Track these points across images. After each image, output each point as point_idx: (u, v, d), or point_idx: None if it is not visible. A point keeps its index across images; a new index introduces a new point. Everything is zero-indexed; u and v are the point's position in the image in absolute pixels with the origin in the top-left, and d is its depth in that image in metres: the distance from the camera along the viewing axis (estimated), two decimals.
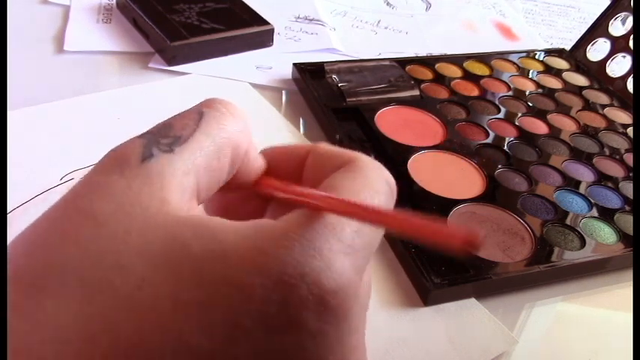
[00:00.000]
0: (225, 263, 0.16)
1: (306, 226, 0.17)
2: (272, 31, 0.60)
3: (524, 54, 0.65)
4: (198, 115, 0.20)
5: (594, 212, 0.44)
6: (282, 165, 0.23)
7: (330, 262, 0.17)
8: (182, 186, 0.18)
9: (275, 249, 0.16)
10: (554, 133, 0.53)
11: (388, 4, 0.75)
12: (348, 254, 0.18)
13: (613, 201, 0.46)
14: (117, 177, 0.17)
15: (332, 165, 0.21)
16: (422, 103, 0.53)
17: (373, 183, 0.20)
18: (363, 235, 0.18)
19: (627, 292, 0.40)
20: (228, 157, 0.20)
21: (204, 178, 0.19)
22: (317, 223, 0.17)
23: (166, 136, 0.19)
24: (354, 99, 0.51)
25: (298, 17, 0.67)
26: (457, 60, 0.61)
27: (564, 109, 0.57)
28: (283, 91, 0.55)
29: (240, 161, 0.21)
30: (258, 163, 0.23)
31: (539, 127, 0.53)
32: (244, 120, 0.21)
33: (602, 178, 0.48)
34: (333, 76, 0.53)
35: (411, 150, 0.46)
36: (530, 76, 0.61)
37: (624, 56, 0.61)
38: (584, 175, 0.48)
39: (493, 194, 0.44)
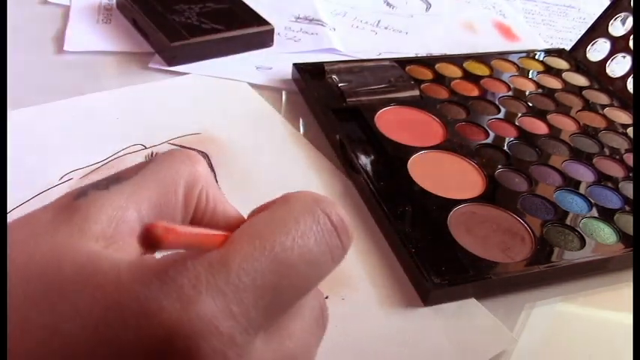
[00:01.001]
0: (82, 291, 0.16)
1: (179, 262, 0.16)
2: (272, 31, 0.60)
3: (524, 54, 0.65)
4: (149, 160, 0.20)
5: (594, 212, 0.44)
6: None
7: (188, 302, 0.15)
8: (111, 218, 0.18)
9: (131, 282, 0.16)
10: (554, 133, 0.53)
11: (388, 4, 0.75)
12: (222, 294, 0.16)
13: (613, 201, 0.46)
14: (46, 213, 0.18)
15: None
16: (422, 103, 0.53)
17: (290, 213, 0.19)
18: (254, 272, 0.16)
19: (627, 292, 0.40)
20: (179, 196, 0.20)
21: (150, 213, 0.19)
22: (194, 258, 0.16)
23: (108, 179, 0.19)
24: (354, 99, 0.51)
25: (298, 17, 0.67)
26: (457, 60, 0.61)
27: (564, 109, 0.57)
28: (283, 92, 0.55)
29: (196, 201, 0.20)
30: (228, 213, 0.22)
31: (539, 127, 0.53)
32: (202, 165, 0.21)
33: (602, 178, 0.48)
34: (333, 76, 0.53)
35: (411, 150, 0.46)
36: (530, 76, 0.61)
37: (624, 56, 0.61)
38: (584, 175, 0.48)
39: (493, 194, 0.44)
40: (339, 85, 0.52)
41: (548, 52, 0.66)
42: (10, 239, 0.17)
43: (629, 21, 0.61)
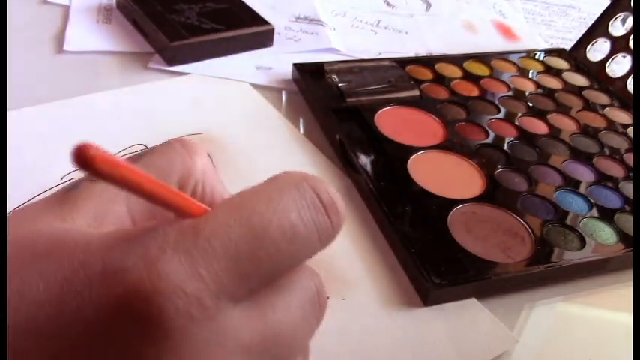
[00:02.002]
0: (51, 257, 0.16)
1: (151, 227, 0.16)
2: (272, 31, 0.60)
3: (524, 54, 0.65)
4: (144, 152, 0.20)
5: (594, 212, 0.44)
6: None
7: (151, 261, 0.15)
8: (97, 210, 0.18)
9: (99, 246, 0.16)
10: (554, 133, 0.53)
11: (388, 4, 0.75)
12: (190, 257, 0.15)
13: (613, 201, 0.46)
14: (41, 203, 0.19)
15: None
16: (422, 103, 0.53)
17: (274, 185, 0.18)
18: (227, 239, 0.16)
19: (627, 292, 0.40)
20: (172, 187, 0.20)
21: (139, 207, 0.19)
22: (167, 224, 0.16)
23: None
24: (354, 99, 0.51)
25: (298, 17, 0.67)
26: (457, 60, 0.61)
27: (564, 109, 0.57)
28: (283, 91, 0.55)
29: (190, 194, 0.20)
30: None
31: (539, 127, 0.53)
32: (200, 156, 0.21)
33: (602, 178, 0.48)
34: (333, 76, 0.53)
35: (411, 150, 0.46)
36: (530, 76, 0.61)
37: (624, 56, 0.61)
38: (584, 175, 0.48)
39: (493, 194, 0.44)
40: (339, 85, 0.52)
41: (548, 52, 0.66)
42: (11, 220, 0.18)
43: (629, 21, 0.61)
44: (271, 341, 0.17)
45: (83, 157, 0.13)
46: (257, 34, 0.59)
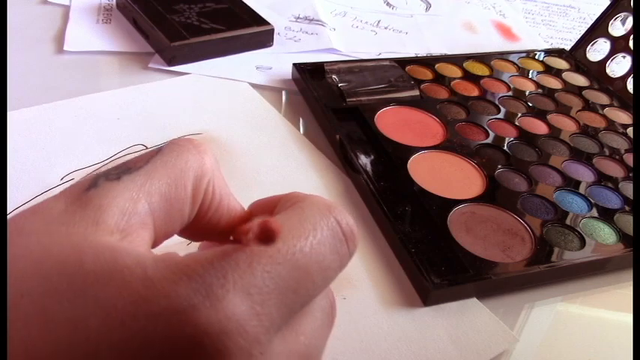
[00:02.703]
0: (106, 285, 0.16)
1: (207, 261, 0.16)
2: (272, 31, 0.60)
3: (524, 54, 0.65)
4: (157, 150, 0.20)
5: (594, 212, 0.44)
6: (258, 214, 0.23)
7: (216, 300, 0.16)
8: (124, 210, 0.18)
9: (159, 279, 0.16)
10: (554, 133, 0.53)
11: (388, 4, 0.75)
12: (248, 295, 0.16)
13: (613, 201, 0.46)
14: (58, 203, 0.18)
15: (284, 207, 0.21)
16: (422, 103, 0.53)
17: (307, 219, 0.19)
18: (277, 276, 0.17)
19: (627, 292, 0.40)
20: (188, 189, 0.20)
21: (160, 206, 0.19)
22: (221, 258, 0.17)
23: (118, 168, 0.19)
24: (354, 99, 0.51)
25: (298, 17, 0.67)
26: (457, 60, 0.61)
27: (564, 110, 0.57)
28: (283, 91, 0.55)
29: (203, 194, 0.20)
30: (232, 207, 0.22)
31: (539, 127, 0.53)
32: (209, 155, 0.21)
33: (602, 178, 0.48)
34: (333, 76, 0.53)
35: (411, 150, 0.46)
36: (530, 76, 0.61)
37: (624, 56, 0.61)
38: (584, 175, 0.48)
39: (493, 194, 0.44)
40: (339, 85, 0.52)
41: (548, 52, 0.66)
42: (22, 229, 0.17)
43: (629, 21, 0.61)
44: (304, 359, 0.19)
45: (270, 232, 0.15)
46: (257, 34, 0.59)
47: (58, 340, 0.15)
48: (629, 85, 0.60)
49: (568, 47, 0.67)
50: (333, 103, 0.51)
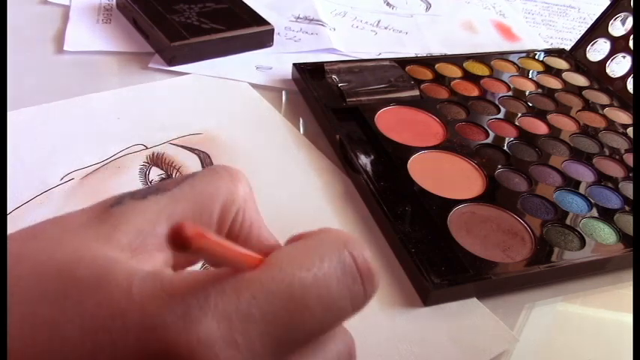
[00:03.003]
0: (92, 294, 0.16)
1: (195, 281, 0.16)
2: (272, 31, 0.60)
3: (524, 54, 0.65)
4: (192, 174, 0.20)
5: (594, 212, 0.44)
6: None
7: (190, 322, 0.15)
8: (141, 230, 0.18)
9: (140, 294, 0.16)
10: (554, 133, 0.53)
11: (388, 4, 0.75)
12: (228, 321, 0.15)
13: (613, 201, 0.46)
14: (82, 215, 0.18)
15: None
16: (422, 103, 0.53)
17: (315, 250, 0.18)
18: (266, 305, 0.16)
19: (627, 292, 0.40)
20: (214, 215, 0.20)
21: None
22: (210, 280, 0.16)
23: (149, 189, 0.19)
24: (354, 99, 0.51)
25: (298, 17, 0.67)
26: (457, 60, 0.61)
27: (564, 110, 0.57)
28: (283, 91, 0.55)
29: (231, 222, 0.20)
30: (263, 238, 0.21)
31: (539, 127, 0.53)
32: (243, 184, 0.21)
33: (602, 178, 0.48)
34: (333, 76, 0.53)
35: (411, 150, 0.46)
36: (530, 76, 0.61)
37: (624, 56, 0.61)
38: (584, 175, 0.48)
39: (493, 194, 0.44)
40: (339, 85, 0.52)
41: (548, 52, 0.66)
42: (38, 234, 0.17)
43: (629, 21, 0.61)
44: None
45: (181, 237, 0.14)
46: (257, 34, 0.59)
47: (34, 344, 0.15)
48: (629, 85, 0.60)
49: (568, 47, 0.67)
50: (333, 103, 0.51)
